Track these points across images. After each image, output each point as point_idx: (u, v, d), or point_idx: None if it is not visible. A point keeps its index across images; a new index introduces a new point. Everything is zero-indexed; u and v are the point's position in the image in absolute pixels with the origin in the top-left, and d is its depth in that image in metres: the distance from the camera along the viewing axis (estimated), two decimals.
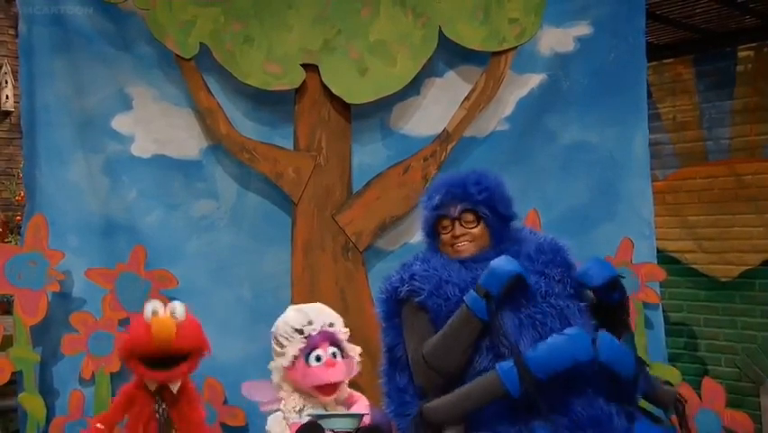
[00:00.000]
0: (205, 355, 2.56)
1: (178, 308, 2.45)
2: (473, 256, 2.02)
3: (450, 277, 1.98)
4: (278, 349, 2.40)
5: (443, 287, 1.97)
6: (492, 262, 1.91)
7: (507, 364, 1.80)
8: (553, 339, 1.80)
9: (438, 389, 1.94)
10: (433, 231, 2.09)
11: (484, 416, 1.85)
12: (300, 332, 2.35)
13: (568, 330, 1.83)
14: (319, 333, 2.36)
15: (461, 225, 2.03)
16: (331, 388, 2.41)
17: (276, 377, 2.45)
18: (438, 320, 1.97)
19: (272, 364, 2.46)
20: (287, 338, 2.35)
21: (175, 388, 2.47)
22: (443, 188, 2.06)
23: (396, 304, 2.06)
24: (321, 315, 2.43)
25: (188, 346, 2.45)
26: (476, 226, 2.03)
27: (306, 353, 2.35)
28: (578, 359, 1.78)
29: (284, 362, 2.36)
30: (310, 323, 2.37)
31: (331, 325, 2.44)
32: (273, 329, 2.48)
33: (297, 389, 2.41)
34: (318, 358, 2.35)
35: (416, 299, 1.99)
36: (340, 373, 2.41)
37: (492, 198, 2.03)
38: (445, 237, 2.05)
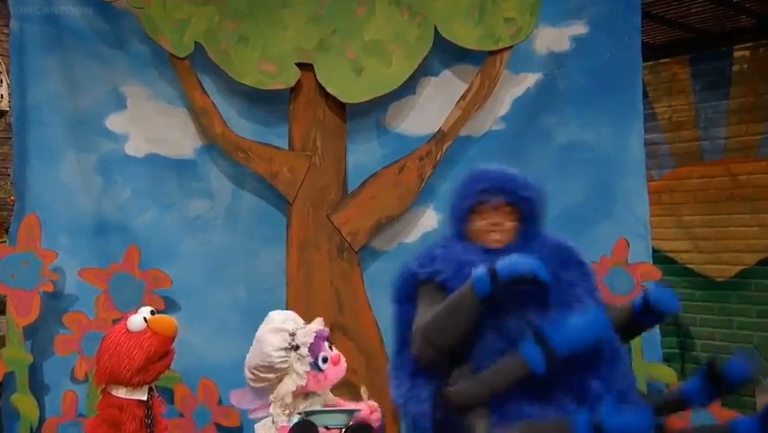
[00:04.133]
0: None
1: (147, 310, 2.46)
2: (499, 249, 2.00)
3: (471, 261, 1.96)
4: (272, 373, 2.29)
5: (465, 269, 1.94)
6: (514, 254, 1.91)
7: (529, 345, 1.81)
8: (575, 318, 1.82)
9: (432, 362, 1.94)
10: (464, 217, 2.08)
11: (507, 394, 1.85)
12: (296, 348, 2.28)
13: (588, 310, 1.85)
14: (315, 337, 2.31)
15: (500, 217, 2.04)
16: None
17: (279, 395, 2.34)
18: None
19: (277, 393, 2.32)
20: (284, 360, 2.27)
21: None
22: (489, 177, 2.07)
23: (412, 288, 2.05)
24: (295, 322, 2.35)
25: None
26: (512, 221, 2.05)
27: (312, 363, 2.30)
28: (599, 337, 1.81)
29: (299, 382, 2.28)
30: (294, 335, 2.30)
31: (314, 325, 2.38)
32: (259, 363, 2.31)
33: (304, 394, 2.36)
34: (325, 360, 2.32)
35: (438, 279, 1.98)
36: (344, 362, 2.41)
37: (535, 199, 2.07)
38: (481, 224, 2.04)
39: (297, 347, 2.28)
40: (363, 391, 2.44)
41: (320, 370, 2.30)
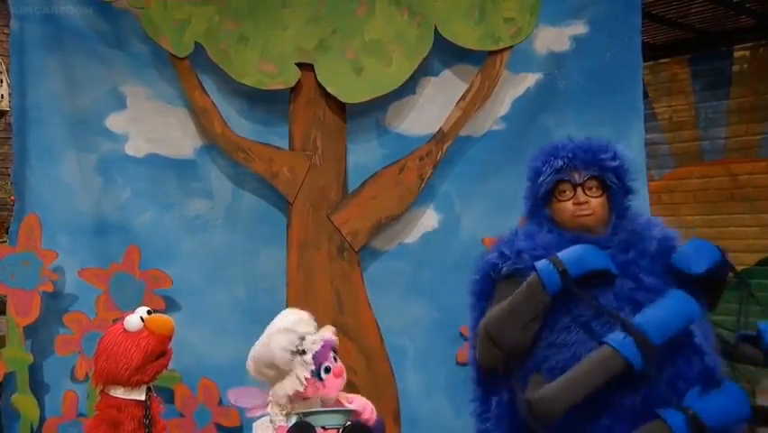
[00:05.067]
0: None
1: (143, 310, 2.47)
2: (592, 228, 1.83)
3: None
4: (273, 371, 2.27)
5: None
6: (582, 246, 1.75)
7: (618, 336, 1.63)
8: (660, 303, 1.67)
9: (495, 365, 1.78)
10: (543, 198, 1.89)
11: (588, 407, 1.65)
12: (301, 352, 2.24)
13: (669, 293, 1.69)
14: (323, 346, 2.27)
15: (584, 192, 1.84)
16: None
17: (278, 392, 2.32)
18: None
19: (274, 391, 2.30)
20: (287, 362, 2.24)
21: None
22: (566, 151, 1.87)
23: (491, 283, 1.87)
24: (307, 325, 2.31)
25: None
26: (599, 196, 1.84)
27: (315, 369, 2.27)
28: (690, 318, 1.67)
29: (297, 387, 2.25)
30: (303, 339, 2.26)
31: (324, 332, 2.34)
32: (263, 357, 2.28)
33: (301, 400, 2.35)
34: (327, 370, 2.28)
35: (524, 277, 1.78)
36: (345, 376, 2.36)
37: (622, 167, 1.86)
38: (565, 205, 1.85)
39: (303, 352, 2.24)
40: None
41: (320, 379, 2.26)
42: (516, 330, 1.74)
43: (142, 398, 2.37)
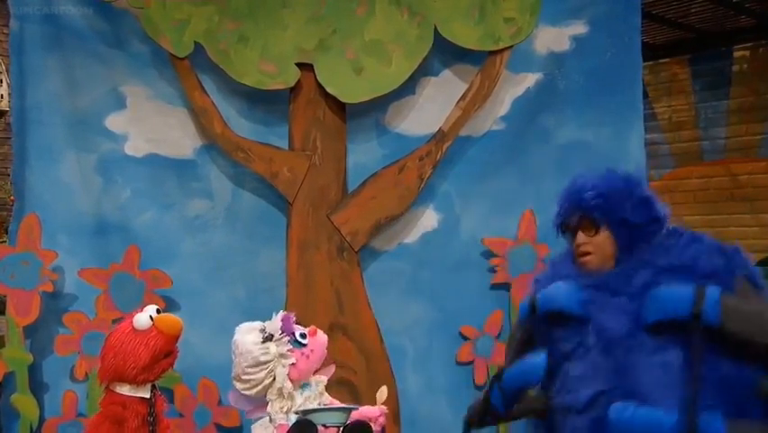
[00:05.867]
0: None
1: (153, 308, 2.48)
2: (595, 271, 1.84)
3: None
4: (261, 371, 2.36)
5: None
6: (563, 283, 1.83)
7: (494, 380, 1.88)
8: (525, 359, 1.82)
9: None
10: (565, 238, 1.97)
11: None
12: (270, 338, 2.37)
13: (534, 355, 1.80)
14: (282, 321, 2.40)
15: (584, 233, 1.87)
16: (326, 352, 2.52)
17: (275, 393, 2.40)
18: None
19: (277, 383, 2.37)
20: (265, 352, 2.35)
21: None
22: (565, 194, 1.94)
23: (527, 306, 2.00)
24: (258, 323, 2.45)
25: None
26: (595, 235, 1.85)
27: (292, 341, 2.40)
28: (528, 383, 1.79)
29: (289, 362, 2.37)
30: (264, 328, 2.40)
31: (278, 315, 2.47)
32: (244, 365, 2.37)
33: (304, 378, 2.42)
34: (303, 335, 2.42)
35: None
36: (322, 333, 2.50)
37: (607, 202, 1.84)
38: (572, 246, 1.91)
39: (271, 336, 2.37)
40: (382, 392, 2.48)
41: (302, 345, 2.38)
42: (512, 356, 1.92)
43: (147, 395, 2.38)
